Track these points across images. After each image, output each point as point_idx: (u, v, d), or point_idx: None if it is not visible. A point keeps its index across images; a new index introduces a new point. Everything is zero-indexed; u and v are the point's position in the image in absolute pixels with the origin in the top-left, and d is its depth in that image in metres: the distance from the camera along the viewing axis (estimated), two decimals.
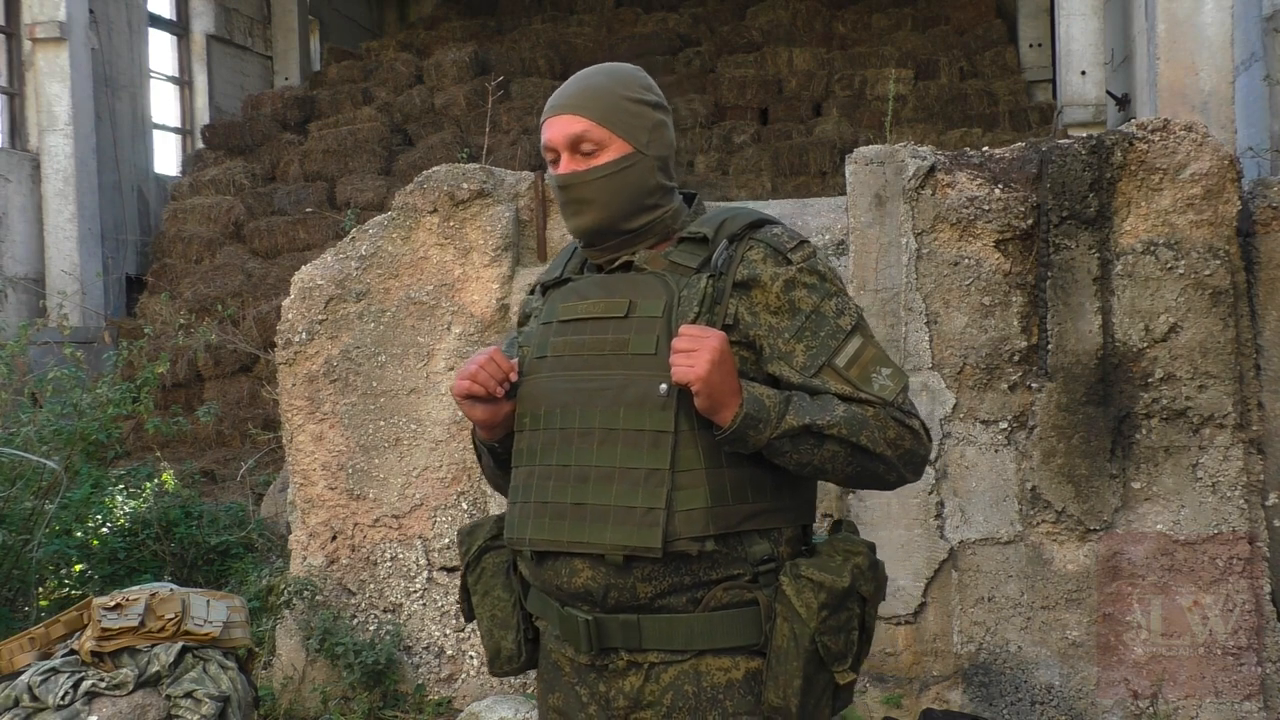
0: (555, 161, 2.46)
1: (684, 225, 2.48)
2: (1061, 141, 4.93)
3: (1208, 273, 4.71)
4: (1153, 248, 4.75)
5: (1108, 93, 13.12)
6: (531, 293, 2.66)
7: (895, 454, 2.34)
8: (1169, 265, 4.73)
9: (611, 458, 2.33)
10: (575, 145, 2.42)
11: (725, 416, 2.24)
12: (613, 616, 2.35)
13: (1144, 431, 4.77)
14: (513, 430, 2.51)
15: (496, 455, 2.59)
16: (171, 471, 8.04)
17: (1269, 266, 4.86)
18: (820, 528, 2.58)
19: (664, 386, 2.28)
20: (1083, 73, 13.58)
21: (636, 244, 2.45)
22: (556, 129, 2.44)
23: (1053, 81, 16.11)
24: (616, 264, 2.47)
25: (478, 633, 5.22)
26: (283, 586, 5.46)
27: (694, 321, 2.31)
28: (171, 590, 4.85)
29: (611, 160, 2.41)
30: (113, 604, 4.68)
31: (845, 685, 2.35)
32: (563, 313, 2.46)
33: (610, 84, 2.46)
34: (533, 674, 5.23)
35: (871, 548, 2.42)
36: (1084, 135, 5.01)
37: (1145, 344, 4.76)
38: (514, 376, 2.46)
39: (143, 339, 8.45)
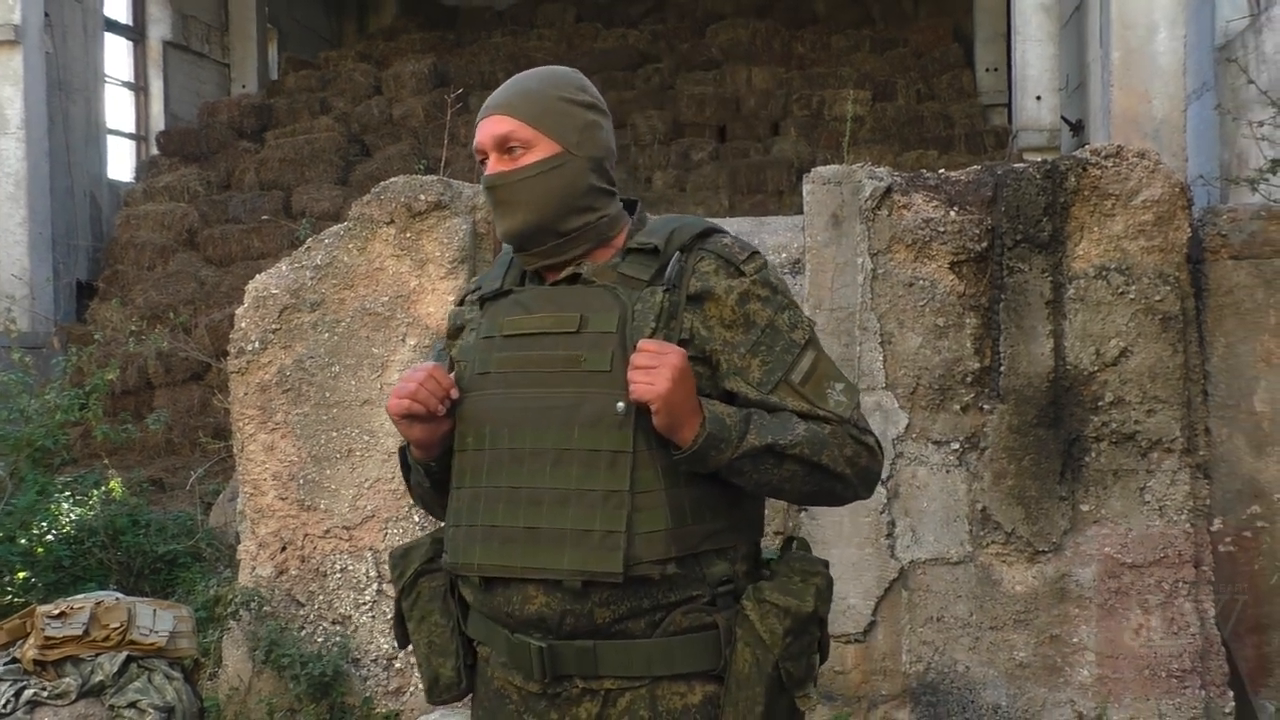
0: (484, 163, 2.39)
1: (627, 234, 2.41)
2: (1016, 165, 4.98)
3: (1158, 298, 4.76)
4: (1104, 272, 4.80)
5: (1062, 118, 13.25)
6: (460, 303, 2.56)
7: (853, 471, 2.29)
8: (1120, 290, 4.78)
9: (566, 479, 2.24)
10: (502, 145, 2.35)
11: (685, 436, 2.18)
12: (567, 643, 2.26)
13: (1093, 454, 4.81)
14: (449, 449, 2.41)
15: (432, 475, 2.48)
16: (119, 479, 7.96)
17: (1218, 293, 4.92)
18: (769, 545, 2.52)
19: (621, 405, 2.20)
20: (1038, 98, 13.71)
21: (571, 249, 2.37)
22: (484, 130, 2.37)
23: (1008, 106, 16.25)
24: (563, 276, 2.37)
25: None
26: (230, 597, 5.42)
27: (651, 336, 2.23)
28: (117, 599, 4.81)
29: (538, 160, 2.34)
30: (57, 612, 4.64)
31: (805, 710, 2.29)
32: (506, 327, 2.37)
33: (541, 85, 2.39)
34: None
35: (826, 564, 2.37)
36: (1039, 160, 5.06)
37: (1096, 368, 4.80)
38: (455, 394, 2.36)
39: (92, 345, 8.38)
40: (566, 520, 2.23)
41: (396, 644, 2.59)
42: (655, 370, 2.15)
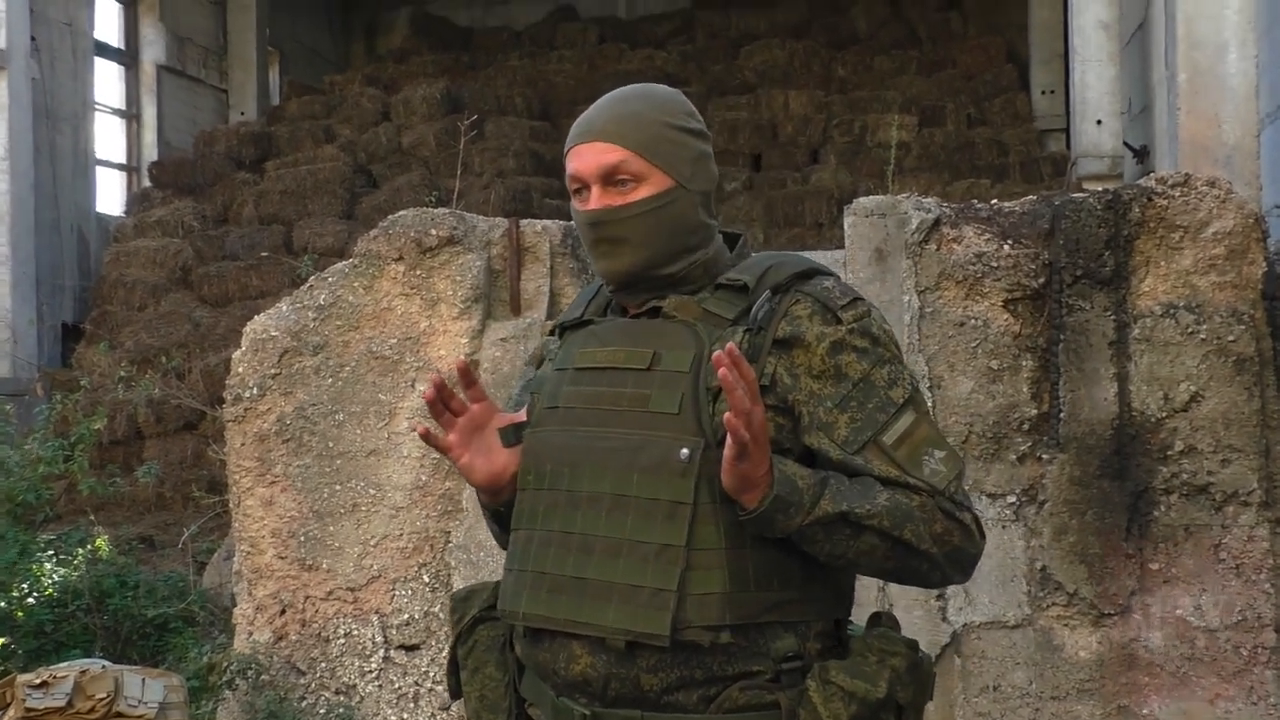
0: (580, 194, 2.36)
1: (724, 270, 2.38)
2: (1076, 195, 4.98)
3: (1231, 338, 4.74)
4: (1173, 310, 4.79)
5: (1125, 144, 13.23)
6: (551, 333, 2.55)
7: (941, 551, 2.22)
8: (1190, 329, 4.77)
9: (621, 528, 2.21)
10: (609, 177, 2.32)
11: (752, 496, 2.13)
12: (613, 711, 2.23)
13: (1163, 508, 4.78)
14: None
15: (501, 520, 2.47)
16: (106, 537, 7.98)
17: None
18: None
19: (685, 451, 2.18)
20: (1099, 122, 13.69)
21: (673, 291, 2.35)
22: (587, 158, 2.33)
23: (1066, 131, 16.24)
24: (643, 309, 2.36)
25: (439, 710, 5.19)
26: (225, 664, 5.41)
27: None
28: (103, 667, 4.81)
29: (651, 195, 2.31)
30: (39, 681, 4.65)
31: None
32: (579, 359, 2.36)
33: (648, 109, 2.35)
34: None
35: (912, 646, 2.29)
36: (1100, 189, 5.07)
37: (1164, 414, 4.78)
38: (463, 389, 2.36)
39: (78, 391, 8.44)
40: (616, 573, 2.21)
41: (449, 694, 2.58)
42: (756, 412, 2.08)
